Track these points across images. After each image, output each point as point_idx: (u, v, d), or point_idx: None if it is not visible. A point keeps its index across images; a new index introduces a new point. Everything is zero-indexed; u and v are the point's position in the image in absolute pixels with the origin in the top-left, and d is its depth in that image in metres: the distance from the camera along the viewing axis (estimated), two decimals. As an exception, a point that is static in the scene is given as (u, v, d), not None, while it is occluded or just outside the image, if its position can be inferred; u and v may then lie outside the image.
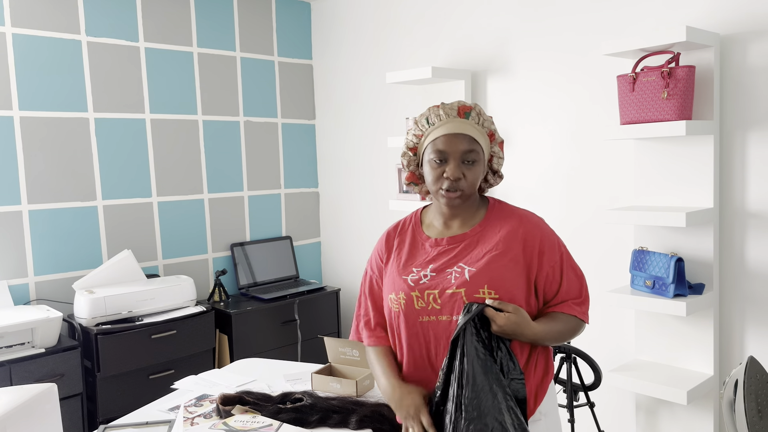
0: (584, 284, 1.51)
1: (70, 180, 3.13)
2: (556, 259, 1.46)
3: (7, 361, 2.55)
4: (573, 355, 2.39)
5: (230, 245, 3.70)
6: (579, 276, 1.51)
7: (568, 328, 1.47)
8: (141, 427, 1.82)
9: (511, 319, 1.34)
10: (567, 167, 2.79)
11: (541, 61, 2.84)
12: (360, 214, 3.87)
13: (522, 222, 1.47)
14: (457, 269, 1.43)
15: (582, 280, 1.51)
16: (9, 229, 2.95)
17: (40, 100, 3.02)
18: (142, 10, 3.34)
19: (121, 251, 3.23)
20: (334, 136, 4.00)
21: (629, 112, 2.28)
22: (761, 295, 2.26)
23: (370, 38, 3.66)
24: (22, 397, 1.45)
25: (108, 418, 2.81)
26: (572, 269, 1.50)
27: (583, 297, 1.50)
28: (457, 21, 3.17)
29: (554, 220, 2.84)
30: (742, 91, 2.25)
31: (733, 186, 2.29)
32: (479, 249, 1.44)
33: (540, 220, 1.51)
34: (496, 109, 3.04)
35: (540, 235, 1.46)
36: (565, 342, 1.54)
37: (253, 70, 3.81)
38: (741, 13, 2.23)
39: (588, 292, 1.53)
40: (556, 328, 1.45)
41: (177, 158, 3.50)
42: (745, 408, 1.44)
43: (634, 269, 2.36)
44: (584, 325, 1.51)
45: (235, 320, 3.31)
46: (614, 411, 2.70)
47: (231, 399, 1.89)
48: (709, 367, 2.31)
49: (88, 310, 2.86)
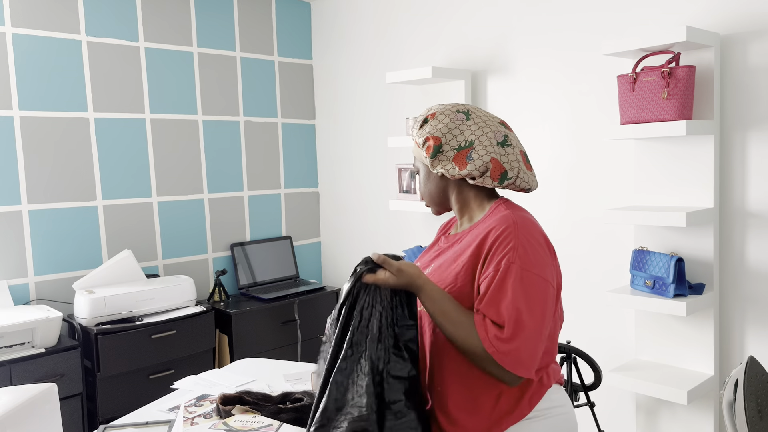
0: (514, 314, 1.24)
1: (70, 180, 3.13)
2: (491, 271, 1.29)
3: (7, 361, 2.55)
4: (573, 355, 2.39)
5: (230, 245, 3.70)
6: (510, 302, 1.25)
7: (467, 336, 1.28)
8: (141, 427, 1.82)
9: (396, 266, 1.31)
10: (567, 167, 2.79)
11: (542, 61, 2.84)
12: (360, 214, 3.87)
13: (494, 225, 1.34)
14: (430, 268, 1.47)
15: (513, 308, 1.25)
16: (9, 229, 2.95)
17: (40, 100, 3.02)
18: (142, 10, 3.34)
19: (121, 251, 3.23)
20: (334, 136, 4.00)
21: (629, 112, 2.28)
22: (761, 295, 2.26)
23: (370, 38, 3.66)
24: (22, 397, 1.45)
25: (108, 418, 2.81)
26: (500, 290, 1.26)
27: (504, 326, 1.24)
28: (458, 21, 3.17)
29: (554, 220, 2.85)
30: (742, 91, 2.25)
31: (733, 186, 2.29)
32: (455, 250, 1.42)
33: (509, 226, 1.31)
34: (496, 109, 3.04)
35: (494, 240, 1.31)
36: (465, 347, 1.29)
37: (253, 70, 3.81)
38: (741, 13, 2.23)
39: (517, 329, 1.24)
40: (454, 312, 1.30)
41: (177, 158, 3.50)
42: (745, 408, 1.44)
43: (634, 269, 2.36)
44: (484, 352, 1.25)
45: (235, 320, 3.31)
46: (614, 411, 2.70)
47: (231, 399, 1.89)
48: (709, 367, 2.31)
49: (88, 310, 2.86)
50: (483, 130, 1.39)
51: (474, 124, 1.40)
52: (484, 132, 1.39)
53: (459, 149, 1.38)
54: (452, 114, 1.41)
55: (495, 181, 1.38)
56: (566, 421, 1.39)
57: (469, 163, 1.37)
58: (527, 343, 1.25)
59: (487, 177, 1.37)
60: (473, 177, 1.38)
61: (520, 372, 1.25)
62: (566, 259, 2.82)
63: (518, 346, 1.24)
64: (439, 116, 1.41)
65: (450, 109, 1.42)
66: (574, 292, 2.80)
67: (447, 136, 1.39)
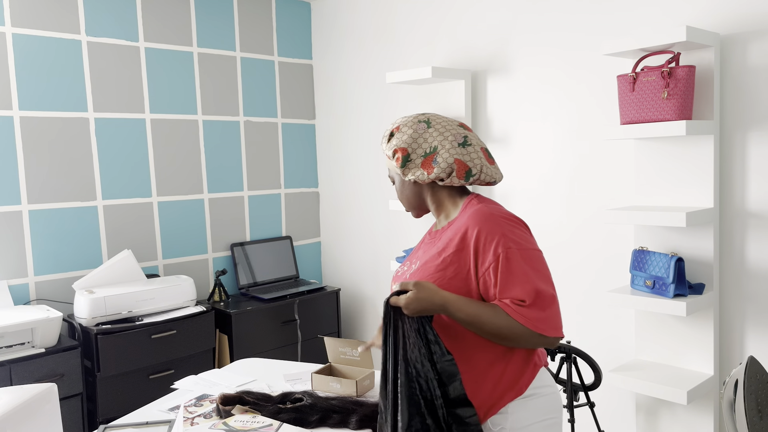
0: (533, 290, 1.39)
1: (70, 180, 3.13)
2: (491, 260, 1.41)
3: (7, 361, 2.55)
4: (573, 355, 2.39)
5: (230, 245, 3.70)
6: (525, 281, 1.39)
7: (502, 322, 1.38)
8: (141, 427, 1.82)
9: (411, 296, 1.39)
10: (567, 167, 2.79)
11: (542, 61, 2.84)
12: (360, 214, 3.87)
13: (470, 219, 1.45)
14: (414, 265, 1.58)
15: (530, 284, 1.39)
16: (9, 229, 2.95)
17: (40, 100, 3.02)
18: (142, 10, 3.34)
19: (121, 251, 3.23)
20: (334, 136, 4.00)
21: (629, 112, 2.28)
22: (761, 295, 2.26)
23: (370, 38, 3.66)
24: (22, 397, 1.45)
25: (108, 418, 2.81)
26: (511, 273, 1.39)
27: (530, 302, 1.38)
28: (458, 21, 3.17)
29: (554, 220, 2.85)
30: (742, 91, 2.25)
31: (733, 186, 2.30)
32: (437, 246, 1.53)
33: (487, 218, 1.44)
34: (496, 109, 3.04)
35: (478, 233, 1.42)
36: (507, 340, 1.41)
37: (253, 70, 3.81)
38: (741, 13, 2.23)
39: (542, 300, 1.39)
40: (484, 311, 1.39)
41: (177, 158, 3.50)
42: (745, 408, 1.44)
43: (634, 269, 2.36)
44: (528, 331, 1.38)
45: (235, 320, 3.31)
46: (614, 411, 2.70)
47: (231, 399, 1.89)
48: (709, 367, 2.31)
49: (88, 310, 2.86)
50: (444, 135, 1.52)
51: (435, 131, 1.53)
52: (445, 137, 1.52)
53: (425, 156, 1.52)
54: (415, 124, 1.54)
55: (461, 179, 1.51)
56: (556, 400, 1.54)
57: (436, 167, 1.50)
58: (552, 307, 1.41)
59: (453, 177, 1.51)
60: (441, 179, 1.51)
61: (558, 333, 1.42)
62: (566, 259, 2.82)
63: (549, 314, 1.40)
64: (403, 128, 1.54)
65: (412, 121, 1.55)
66: (575, 292, 2.80)
67: (413, 146, 1.53)
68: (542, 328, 1.39)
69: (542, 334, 1.39)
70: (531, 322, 1.38)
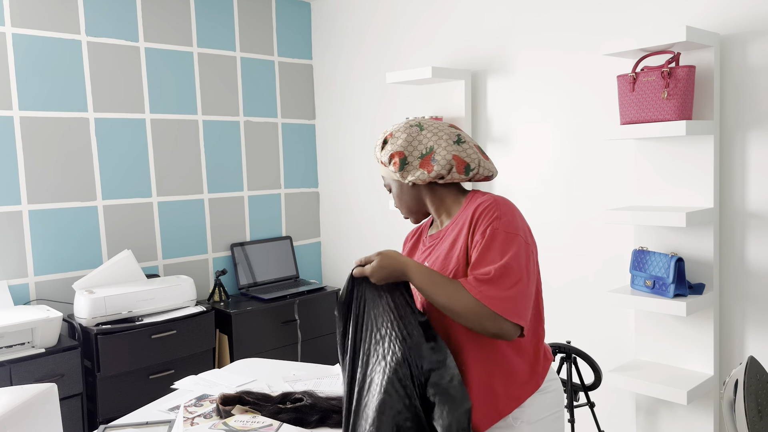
0: (501, 266, 1.35)
1: (70, 180, 3.13)
2: (478, 239, 1.42)
3: (7, 361, 2.55)
4: (573, 355, 2.39)
5: (230, 245, 3.70)
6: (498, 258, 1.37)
7: (455, 294, 1.36)
8: (141, 427, 1.82)
9: (375, 264, 1.45)
10: (567, 167, 2.79)
11: (542, 61, 2.84)
12: (360, 214, 3.87)
13: (476, 205, 1.48)
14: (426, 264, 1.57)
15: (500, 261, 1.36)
16: (9, 229, 2.95)
17: (40, 100, 3.02)
18: (142, 10, 3.34)
19: (121, 251, 3.23)
20: (334, 136, 4.00)
21: (629, 112, 2.28)
22: (761, 295, 2.26)
23: (370, 38, 3.66)
24: (22, 397, 1.45)
25: (108, 418, 2.81)
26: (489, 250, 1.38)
27: (493, 277, 1.34)
28: (458, 21, 3.17)
29: (554, 220, 2.85)
30: (742, 91, 2.25)
31: (733, 186, 2.30)
32: (443, 246, 1.54)
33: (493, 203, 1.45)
34: (496, 109, 3.04)
35: (477, 215, 1.45)
36: (460, 317, 1.37)
37: (253, 70, 3.81)
38: (741, 13, 2.23)
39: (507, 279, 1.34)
40: (441, 280, 1.40)
41: (177, 158, 3.50)
42: (745, 408, 1.44)
43: (634, 269, 2.36)
44: (481, 306, 1.33)
45: (235, 320, 3.31)
46: (614, 411, 2.70)
47: (231, 399, 1.89)
48: (709, 367, 2.31)
49: (88, 310, 2.86)
50: (438, 135, 1.54)
51: (429, 132, 1.55)
52: (439, 136, 1.53)
53: (422, 156, 1.53)
54: (407, 129, 1.56)
55: (461, 174, 1.52)
56: (561, 393, 1.58)
57: (435, 164, 1.51)
58: (516, 289, 1.36)
59: (454, 173, 1.52)
60: (442, 176, 1.52)
61: (518, 320, 1.35)
62: (566, 260, 2.82)
63: (510, 295, 1.35)
64: (396, 134, 1.56)
65: (404, 126, 1.57)
66: (574, 292, 2.80)
67: (408, 149, 1.54)
68: (499, 307, 1.33)
69: (497, 313, 1.32)
70: (487, 298, 1.33)
